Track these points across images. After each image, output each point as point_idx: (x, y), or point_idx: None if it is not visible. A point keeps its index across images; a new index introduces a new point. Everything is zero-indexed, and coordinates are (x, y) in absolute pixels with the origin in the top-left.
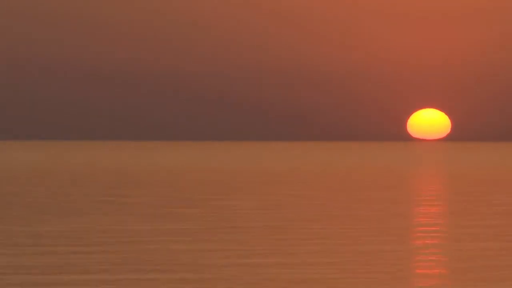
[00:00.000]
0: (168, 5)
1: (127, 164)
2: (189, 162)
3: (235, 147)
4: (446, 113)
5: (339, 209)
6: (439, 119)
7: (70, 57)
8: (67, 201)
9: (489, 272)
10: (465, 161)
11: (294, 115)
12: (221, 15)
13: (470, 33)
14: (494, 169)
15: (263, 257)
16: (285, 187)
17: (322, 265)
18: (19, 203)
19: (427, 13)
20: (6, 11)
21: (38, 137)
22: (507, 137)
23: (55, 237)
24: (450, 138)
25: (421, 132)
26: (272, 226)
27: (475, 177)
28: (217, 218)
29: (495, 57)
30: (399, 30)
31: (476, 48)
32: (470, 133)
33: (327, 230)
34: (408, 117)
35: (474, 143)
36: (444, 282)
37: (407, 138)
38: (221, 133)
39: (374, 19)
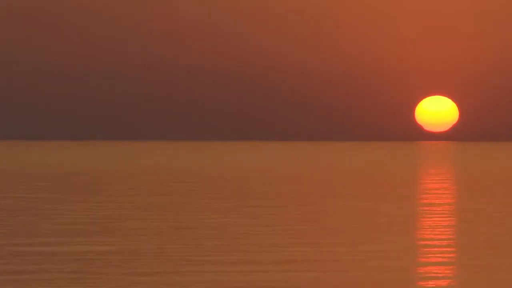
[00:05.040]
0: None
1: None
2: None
3: (245, 147)
4: (453, 100)
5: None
6: (446, 106)
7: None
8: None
9: None
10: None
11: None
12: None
13: (469, 29)
14: None
15: None
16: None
17: None
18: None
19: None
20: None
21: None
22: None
23: None
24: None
25: (428, 121)
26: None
27: None
28: None
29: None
30: (401, 24)
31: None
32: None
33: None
34: (416, 105)
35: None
36: None
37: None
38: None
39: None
